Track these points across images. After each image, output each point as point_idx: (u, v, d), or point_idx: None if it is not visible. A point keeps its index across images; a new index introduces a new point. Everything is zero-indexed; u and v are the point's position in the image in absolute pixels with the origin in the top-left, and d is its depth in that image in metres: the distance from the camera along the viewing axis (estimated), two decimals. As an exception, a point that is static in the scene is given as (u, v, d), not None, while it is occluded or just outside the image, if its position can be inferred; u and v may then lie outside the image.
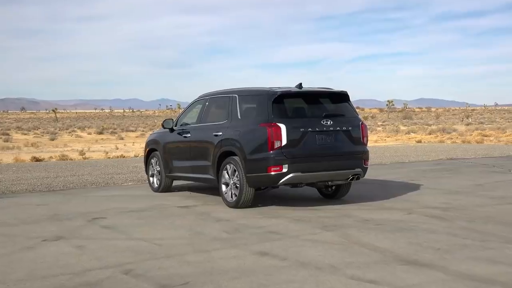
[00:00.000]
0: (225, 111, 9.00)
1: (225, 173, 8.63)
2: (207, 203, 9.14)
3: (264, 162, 8.03)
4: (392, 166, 14.87)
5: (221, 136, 8.73)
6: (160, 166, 10.38)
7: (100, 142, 35.42)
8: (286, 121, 8.08)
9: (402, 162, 16.01)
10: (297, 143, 8.10)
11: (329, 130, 8.30)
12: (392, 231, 6.66)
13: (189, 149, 9.59)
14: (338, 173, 8.38)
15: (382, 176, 12.27)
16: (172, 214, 8.12)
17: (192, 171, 9.59)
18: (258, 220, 7.53)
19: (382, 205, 8.55)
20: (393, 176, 12.29)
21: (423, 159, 16.89)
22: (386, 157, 17.59)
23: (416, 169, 13.79)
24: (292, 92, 8.47)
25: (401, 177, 12.18)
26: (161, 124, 10.37)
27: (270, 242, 6.23)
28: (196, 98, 10.14)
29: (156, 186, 10.57)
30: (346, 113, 8.63)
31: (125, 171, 14.36)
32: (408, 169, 14.02)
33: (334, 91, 8.82)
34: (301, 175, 8.08)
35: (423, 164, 15.23)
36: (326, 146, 8.28)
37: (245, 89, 9.07)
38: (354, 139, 8.52)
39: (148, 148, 10.87)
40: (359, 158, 8.54)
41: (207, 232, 6.82)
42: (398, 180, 11.60)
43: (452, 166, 14.50)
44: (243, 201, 8.36)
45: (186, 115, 10.33)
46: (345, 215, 7.79)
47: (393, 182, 11.32)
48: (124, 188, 11.26)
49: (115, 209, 8.67)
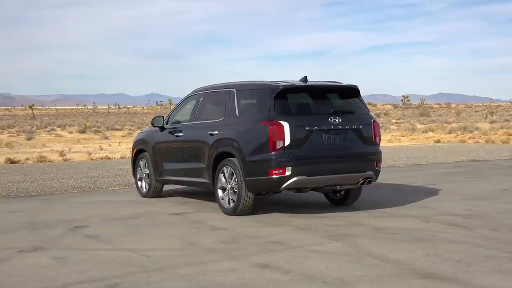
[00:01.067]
0: (221, 108, 9.00)
1: (222, 177, 8.64)
2: (201, 210, 9.14)
3: (265, 164, 8.03)
4: (408, 169, 14.87)
5: (217, 135, 8.74)
6: (149, 169, 10.38)
7: (82, 142, 35.43)
8: (289, 119, 8.09)
9: (419, 164, 16.02)
10: (302, 143, 8.10)
11: (337, 129, 8.30)
12: (407, 241, 6.66)
13: (182, 150, 9.59)
14: (348, 177, 8.39)
15: (396, 180, 12.27)
16: (163, 222, 8.12)
17: (185, 174, 9.60)
18: (258, 229, 7.53)
19: (396, 212, 8.55)
20: (409, 180, 12.29)
21: (442, 161, 16.89)
22: (401, 159, 17.60)
23: (434, 172, 13.80)
24: (296, 87, 8.47)
25: (418, 180, 12.19)
26: (151, 122, 10.38)
27: (271, 253, 6.23)
28: (190, 93, 10.15)
29: (145, 191, 10.58)
30: (356, 110, 8.64)
31: (110, 174, 14.36)
32: (425, 172, 14.02)
33: (343, 86, 8.82)
34: (306, 179, 8.08)
35: (442, 167, 15.24)
36: (334, 147, 8.28)
37: (244, 83, 9.07)
38: (365, 139, 8.53)
39: (136, 148, 10.87)
40: (371, 159, 8.55)
41: (201, 242, 6.82)
42: (414, 184, 11.61)
43: (474, 169, 14.50)
44: (241, 208, 8.36)
45: (178, 112, 10.33)
46: (355, 223, 7.79)
47: (408, 187, 11.32)
48: (109, 193, 11.26)
49: (99, 216, 8.67)
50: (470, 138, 29.53)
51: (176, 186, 11.55)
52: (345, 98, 8.74)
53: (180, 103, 10.35)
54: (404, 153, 20.03)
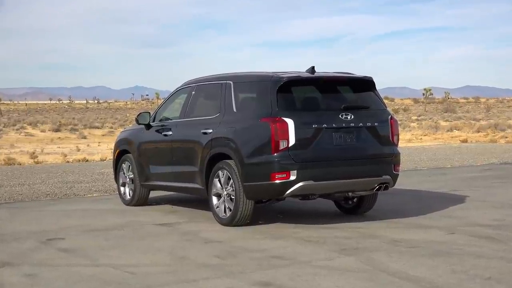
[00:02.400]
0: (216, 103, 9.01)
1: (217, 182, 8.65)
2: (193, 219, 9.15)
3: (266, 167, 8.04)
4: (430, 173, 14.88)
5: (212, 134, 8.75)
6: (133, 173, 10.39)
7: (56, 141, 35.44)
8: (294, 115, 8.10)
9: (443, 168, 16.02)
10: (309, 143, 8.11)
11: (349, 127, 8.31)
12: (429, 256, 6.67)
13: (171, 151, 9.60)
14: (361, 182, 8.40)
15: (417, 185, 12.27)
16: (149, 234, 8.13)
17: (174, 179, 9.60)
18: (258, 242, 7.54)
19: (416, 223, 8.56)
20: (431, 185, 12.30)
21: (469, 164, 16.90)
22: (422, 161, 17.60)
23: (461, 177, 13.80)
24: (302, 78, 8.48)
25: (442, 186, 12.20)
26: (135, 118, 10.39)
27: (274, 270, 6.24)
28: (180, 86, 10.16)
29: (128, 198, 10.59)
30: (371, 105, 8.65)
31: (88, 179, 14.37)
32: (450, 176, 14.03)
33: (356, 77, 8.83)
34: (314, 184, 8.09)
35: (469, 170, 15.25)
36: (345, 147, 8.29)
37: (243, 75, 9.08)
38: (381, 138, 8.54)
39: (118, 149, 10.88)
40: (388, 162, 8.56)
41: (193, 257, 6.83)
42: (438, 191, 11.61)
43: (507, 173, 14.51)
44: (239, 217, 8.37)
45: (167, 107, 10.34)
46: (369, 235, 7.80)
47: (431, 193, 11.33)
48: (88, 201, 11.27)
49: (76, 227, 8.67)
50: (501, 137, 29.53)
51: (164, 193, 11.54)
52: (359, 92, 8.75)
53: (169, 98, 10.36)
54: (426, 154, 20.03)
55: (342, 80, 8.86)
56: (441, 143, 27.69)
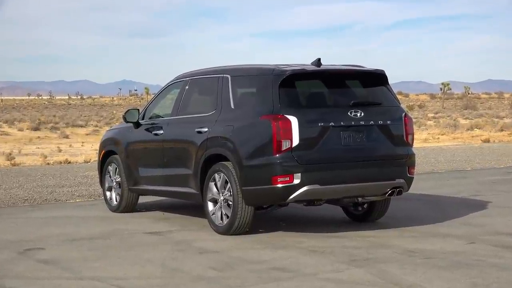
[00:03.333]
0: (212, 98, 9.02)
1: (213, 186, 8.65)
2: (186, 227, 9.15)
3: (267, 169, 8.04)
4: (449, 176, 14.88)
5: (207, 133, 8.75)
6: (120, 176, 10.39)
7: (36, 141, 35.44)
8: (298, 112, 8.10)
9: (463, 170, 16.02)
10: (314, 143, 8.11)
11: (359, 125, 8.32)
12: (448, 268, 6.67)
13: (162, 152, 9.61)
14: (372, 186, 8.40)
15: (433, 190, 12.28)
16: (138, 244, 8.13)
17: (166, 183, 9.61)
18: (258, 252, 7.55)
19: (433, 231, 8.56)
20: (450, 190, 12.30)
21: (491, 166, 16.90)
22: (439, 163, 17.60)
23: (482, 180, 13.81)
24: (307, 72, 8.48)
25: (461, 190, 12.20)
26: (122, 116, 10.39)
27: (275, 283, 6.24)
28: (172, 80, 10.16)
29: (115, 204, 10.59)
30: (383, 101, 8.66)
31: (71, 183, 14.36)
32: (470, 179, 14.03)
33: (366, 70, 8.84)
34: (320, 189, 8.09)
35: (491, 173, 15.25)
36: (355, 148, 8.30)
37: (241, 67, 9.08)
38: (394, 138, 8.54)
39: (104, 150, 10.88)
40: (402, 164, 8.56)
41: (187, 269, 6.84)
42: (457, 196, 11.62)
43: (533, 176, 14.51)
44: (237, 225, 8.38)
45: (157, 103, 10.34)
46: (381, 244, 7.81)
47: (449, 198, 11.33)
48: (70, 207, 11.26)
49: (58, 236, 8.67)
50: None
51: (154, 198, 11.55)
52: (369, 87, 8.75)
53: (160, 93, 10.36)
54: (443, 155, 20.02)
55: (351, 73, 8.86)
56: (461, 143, 27.69)
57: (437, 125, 42.41)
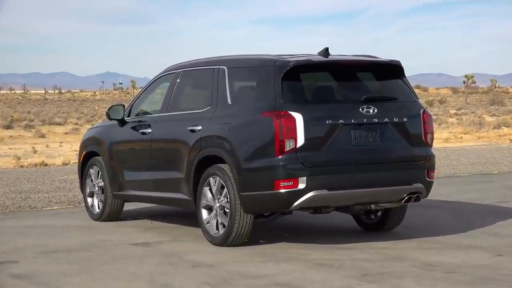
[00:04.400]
0: (207, 93, 9.02)
1: (207, 191, 8.66)
2: (178, 238, 9.16)
3: (268, 173, 8.05)
4: (473, 180, 14.89)
5: (201, 132, 8.76)
6: (104, 180, 10.40)
7: (7, 141, 35.40)
8: (303, 109, 8.11)
9: (488, 174, 16.03)
10: (322, 143, 8.12)
11: (372, 123, 8.32)
12: (471, 283, 6.68)
13: (150, 153, 9.61)
14: (387, 191, 8.41)
15: (455, 196, 12.28)
16: (124, 256, 8.13)
17: (154, 188, 9.61)
18: (258, 265, 7.55)
19: (455, 242, 8.57)
20: (474, 196, 12.31)
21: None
22: (462, 166, 17.59)
23: (511, 185, 13.82)
24: (313, 63, 8.49)
25: (487, 196, 12.21)
26: (106, 113, 10.40)
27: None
28: (162, 72, 10.17)
29: (97, 212, 10.60)
30: (399, 96, 8.66)
31: (48, 188, 14.36)
32: (497, 184, 14.05)
33: (380, 61, 8.85)
34: (328, 194, 8.10)
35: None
36: (367, 148, 8.31)
37: (239, 58, 9.09)
38: (411, 137, 8.55)
39: (85, 151, 10.90)
40: (420, 166, 8.57)
41: (178, 285, 6.84)
42: (482, 202, 11.63)
43: None
44: (235, 235, 8.38)
45: (145, 98, 10.35)
46: (396, 257, 7.81)
47: (473, 205, 11.34)
48: (47, 215, 11.27)
49: (33, 248, 8.67)
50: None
51: (142, 205, 11.55)
52: (383, 79, 8.76)
53: (148, 87, 10.37)
54: (467, 157, 20.02)
55: (362, 65, 8.87)
56: (486, 143, 27.68)
57: (460, 122, 42.39)
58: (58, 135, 40.30)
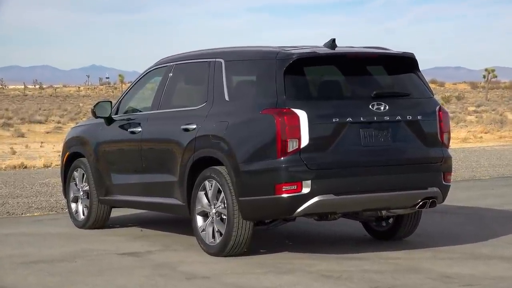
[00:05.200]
0: (202, 88, 9.02)
1: (203, 196, 8.66)
2: (170, 247, 9.16)
3: (269, 176, 8.05)
4: (493, 183, 14.91)
5: (196, 131, 8.76)
6: (89, 184, 10.40)
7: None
8: (308, 105, 8.11)
9: (510, 177, 16.05)
10: (328, 143, 8.12)
11: (382, 121, 8.33)
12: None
13: (140, 154, 9.62)
14: (399, 196, 8.41)
15: (474, 201, 12.28)
16: (111, 267, 8.13)
17: (144, 193, 9.62)
18: (259, 277, 7.55)
19: (474, 252, 8.57)
20: (495, 201, 12.32)
21: (546, 172, 16.93)
22: (482, 168, 17.60)
23: (535, 189, 13.84)
24: (318, 55, 8.48)
25: (509, 202, 12.22)
26: (92, 110, 10.39)
27: (280, 316, 6.25)
28: (153, 66, 10.17)
29: (82, 218, 10.60)
30: (412, 92, 8.67)
31: (28, 193, 14.37)
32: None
33: (392, 54, 8.85)
34: (334, 199, 8.10)
35: (546, 180, 15.28)
36: (377, 149, 8.31)
37: (238, 50, 9.09)
38: (426, 137, 8.55)
39: (68, 152, 10.90)
40: (436, 169, 8.57)
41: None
42: (504, 208, 11.64)
43: None
44: (233, 245, 8.38)
45: (134, 94, 10.36)
46: (410, 268, 7.81)
47: (494, 212, 11.35)
48: (27, 222, 11.27)
49: (11, 258, 8.67)
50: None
51: (131, 211, 11.56)
52: (396, 74, 8.77)
53: (138, 81, 10.36)
54: (487, 158, 20.03)
55: (373, 57, 8.87)
56: (508, 144, 27.70)
57: (480, 121, 42.45)
58: (38, 135, 40.36)
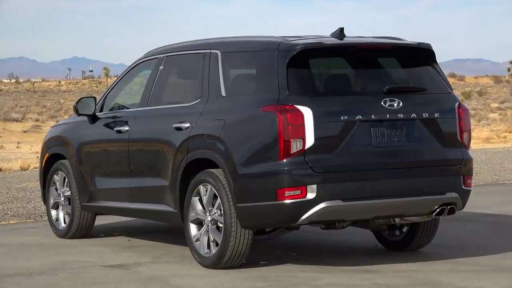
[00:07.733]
0: (196, 83, 9.04)
1: (197, 202, 8.67)
2: (160, 258, 9.18)
3: (271, 180, 8.06)
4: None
5: (189, 130, 8.77)
6: (71, 189, 10.41)
7: (-46, 141, 35.45)
8: (313, 102, 8.12)
9: (538, 181, 16.06)
10: (335, 143, 8.13)
11: (396, 119, 8.34)
12: (517, 313, 6.71)
13: (127, 156, 9.63)
14: (414, 202, 8.42)
15: (498, 207, 12.30)
16: (95, 281, 8.14)
17: (132, 198, 9.63)
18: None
19: (498, 264, 8.59)
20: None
21: None
22: (506, 171, 17.60)
23: None
24: (325, 46, 8.49)
25: (535, 209, 12.23)
26: (74, 107, 10.40)
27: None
28: (142, 58, 10.18)
29: (63, 227, 10.61)
30: (429, 86, 8.68)
31: (3, 199, 14.38)
32: (548, 193, 14.07)
33: (406, 44, 8.87)
34: (343, 206, 8.11)
35: None
36: (390, 150, 8.33)
37: (236, 41, 9.11)
38: (444, 136, 8.57)
39: (48, 153, 10.92)
40: (455, 172, 8.58)
41: (161, 315, 6.87)
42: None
43: None
44: (230, 256, 8.39)
45: (121, 90, 10.37)
46: (427, 281, 7.83)
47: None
48: (2, 231, 11.30)
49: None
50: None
51: (117, 218, 11.57)
52: (410, 67, 8.78)
53: (125, 75, 10.37)
54: (511, 161, 20.03)
55: (385, 48, 8.88)
56: (535, 144, 27.71)
57: (503, 119, 42.46)
58: (15, 134, 40.38)
